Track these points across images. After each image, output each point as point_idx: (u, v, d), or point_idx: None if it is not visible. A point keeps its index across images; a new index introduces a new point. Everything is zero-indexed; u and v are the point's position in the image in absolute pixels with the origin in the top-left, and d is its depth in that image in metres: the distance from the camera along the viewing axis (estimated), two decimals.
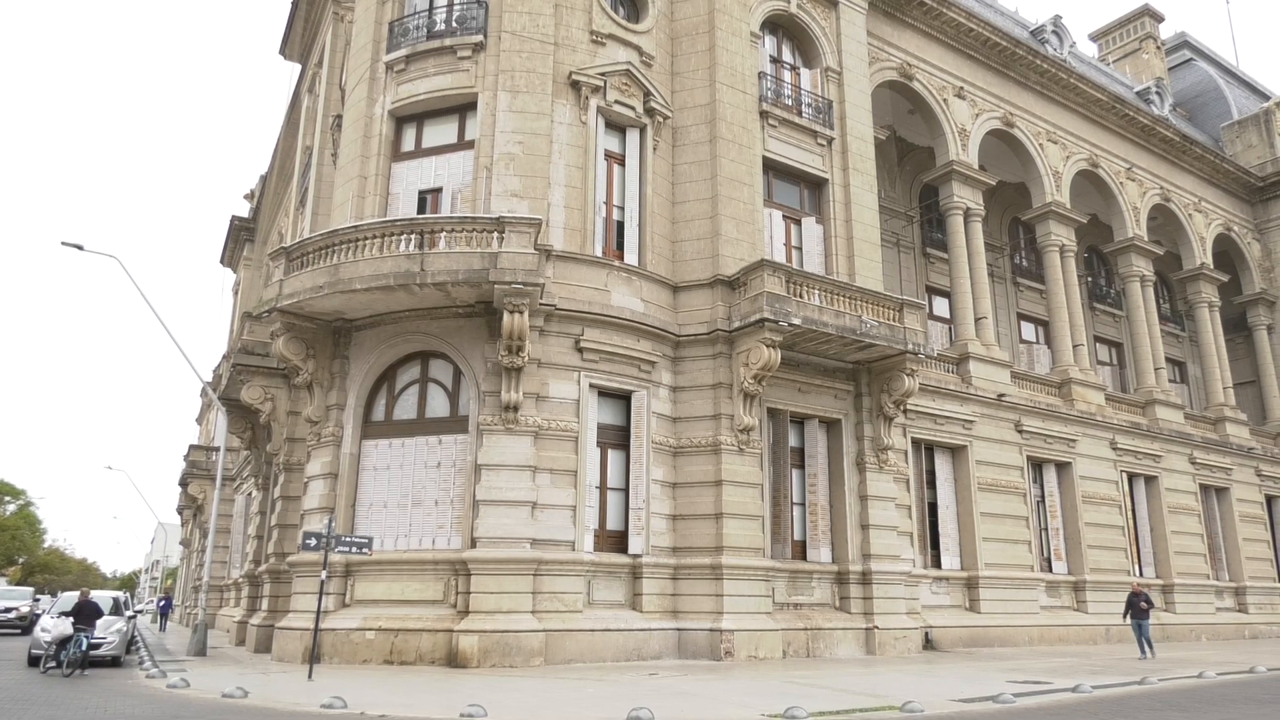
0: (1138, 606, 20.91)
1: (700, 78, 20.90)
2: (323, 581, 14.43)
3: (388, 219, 17.56)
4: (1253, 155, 37.52)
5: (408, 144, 19.90)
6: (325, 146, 23.62)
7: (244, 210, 47.10)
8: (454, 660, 15.45)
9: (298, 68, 31.23)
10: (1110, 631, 25.34)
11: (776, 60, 22.93)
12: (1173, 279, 35.72)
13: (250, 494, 28.33)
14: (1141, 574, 27.84)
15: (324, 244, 17.17)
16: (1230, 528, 31.11)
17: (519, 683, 13.32)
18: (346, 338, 18.50)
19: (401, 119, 19.89)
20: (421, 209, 19.10)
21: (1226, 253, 36.24)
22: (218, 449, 30.58)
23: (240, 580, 26.93)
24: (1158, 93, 37.07)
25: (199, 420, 58.79)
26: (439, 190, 19.16)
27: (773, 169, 21.66)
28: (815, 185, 22.46)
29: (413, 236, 16.56)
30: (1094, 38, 45.93)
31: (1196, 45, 45.04)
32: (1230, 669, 17.41)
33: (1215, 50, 46.03)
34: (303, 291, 17.12)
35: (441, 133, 19.65)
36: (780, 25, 23.07)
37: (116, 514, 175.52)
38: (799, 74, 23.14)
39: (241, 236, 43.92)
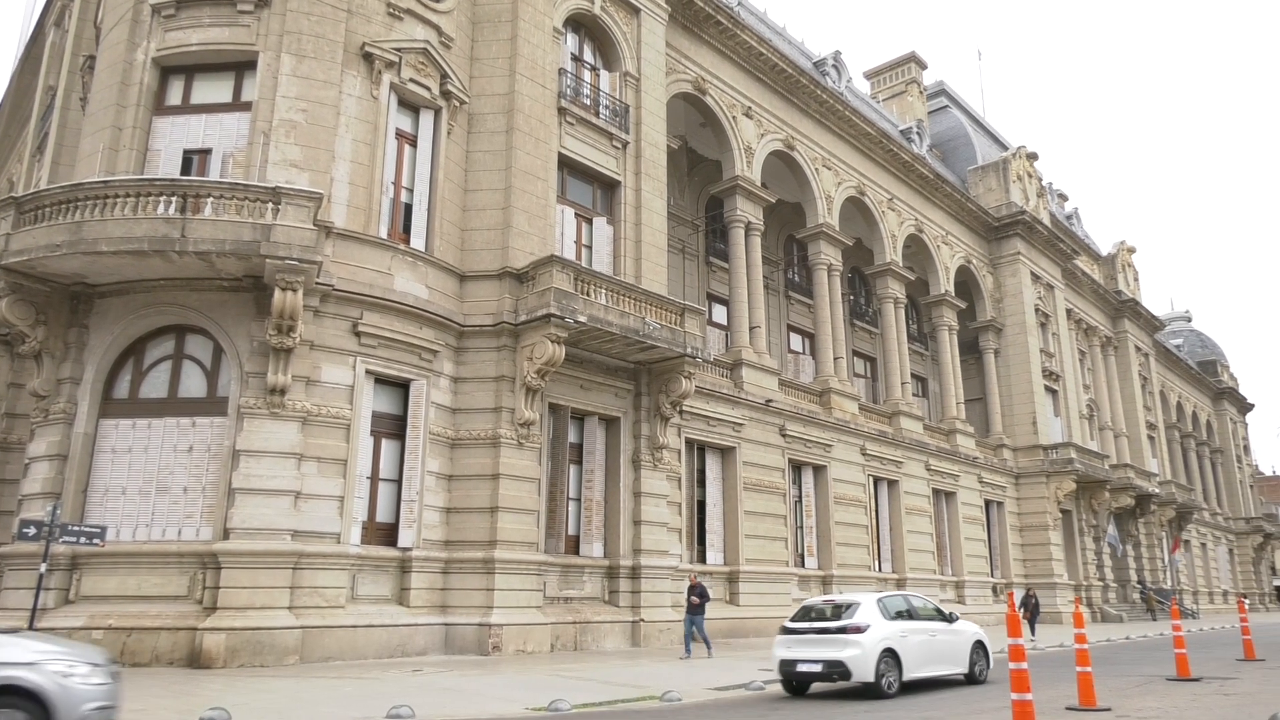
0: (691, 601, 18.19)
1: (500, 66, 20.62)
2: (41, 575, 12.90)
3: (146, 177, 15.94)
4: (992, 198, 42.28)
5: (174, 98, 18.16)
6: (73, 89, 21.09)
7: None
8: (196, 661, 14.25)
9: None
10: None
11: (578, 59, 23.05)
12: (921, 302, 39.51)
13: None
14: (881, 569, 30.56)
15: (66, 198, 15.33)
16: (955, 529, 34.84)
17: (270, 683, 12.52)
18: (87, 304, 16.61)
19: (168, 69, 18.13)
20: (186, 170, 17.48)
21: (966, 283, 40.60)
22: None
23: None
24: (918, 133, 40.97)
25: None
26: (208, 151, 17.62)
27: (568, 166, 21.77)
28: (608, 186, 22.81)
29: (174, 199, 15.14)
30: (868, 76, 49.96)
31: (952, 95, 50.14)
32: None
33: (968, 100, 51.47)
34: (36, 249, 15.19)
35: (214, 90, 18.11)
36: (583, 25, 23.23)
37: None
38: (599, 75, 23.39)
39: None
